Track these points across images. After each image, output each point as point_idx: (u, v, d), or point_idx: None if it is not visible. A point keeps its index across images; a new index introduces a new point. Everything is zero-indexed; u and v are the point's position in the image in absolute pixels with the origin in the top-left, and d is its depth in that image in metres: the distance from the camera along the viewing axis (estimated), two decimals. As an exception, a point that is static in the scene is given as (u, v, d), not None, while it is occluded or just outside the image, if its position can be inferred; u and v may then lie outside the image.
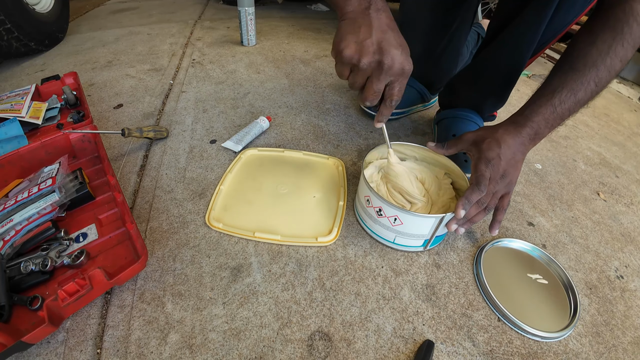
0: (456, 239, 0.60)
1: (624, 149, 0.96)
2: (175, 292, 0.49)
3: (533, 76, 1.36)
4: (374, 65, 0.44)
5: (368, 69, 0.44)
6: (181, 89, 1.03)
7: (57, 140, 0.67)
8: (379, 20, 0.44)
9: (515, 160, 0.52)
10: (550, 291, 0.53)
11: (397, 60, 0.44)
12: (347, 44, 0.43)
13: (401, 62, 0.44)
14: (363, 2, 0.44)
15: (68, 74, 0.92)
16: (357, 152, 0.80)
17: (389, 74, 0.45)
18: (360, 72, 0.45)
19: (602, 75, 0.48)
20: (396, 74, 0.45)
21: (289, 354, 0.43)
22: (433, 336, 0.46)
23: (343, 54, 0.44)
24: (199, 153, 0.76)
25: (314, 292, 0.50)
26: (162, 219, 0.60)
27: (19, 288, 0.46)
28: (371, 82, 0.46)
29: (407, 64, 0.45)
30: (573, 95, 0.50)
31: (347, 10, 0.45)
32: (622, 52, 0.47)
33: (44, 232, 0.51)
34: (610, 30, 0.47)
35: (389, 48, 0.43)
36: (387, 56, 0.43)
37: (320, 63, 1.27)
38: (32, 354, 0.42)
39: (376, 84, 0.46)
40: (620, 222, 0.69)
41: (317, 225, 0.60)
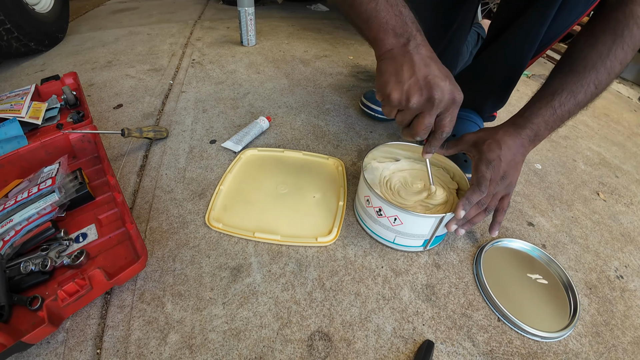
0: (456, 239, 0.60)
1: (624, 149, 0.96)
2: (175, 292, 0.49)
3: (533, 76, 1.36)
4: (424, 102, 0.42)
5: (419, 107, 0.43)
6: (181, 89, 1.03)
7: (56, 141, 0.67)
8: (419, 55, 0.42)
9: (516, 161, 0.52)
10: (550, 291, 0.53)
11: (447, 92, 0.42)
12: (393, 88, 0.42)
13: (451, 92, 0.42)
14: (401, 39, 0.42)
15: (68, 74, 0.92)
16: (357, 152, 0.80)
17: (440, 107, 0.43)
18: (410, 111, 0.44)
19: (602, 78, 0.48)
20: (447, 106, 0.43)
21: (288, 354, 0.43)
22: (433, 336, 0.46)
23: (391, 98, 0.43)
24: (199, 153, 0.76)
25: (313, 292, 0.50)
26: (162, 219, 0.60)
27: (19, 288, 0.46)
28: (423, 118, 0.44)
29: (458, 93, 0.43)
30: (573, 97, 0.50)
31: (385, 49, 0.43)
32: (622, 54, 0.47)
33: (43, 232, 0.51)
34: (610, 33, 0.47)
35: (437, 81, 0.41)
36: (436, 90, 0.41)
37: (320, 63, 1.27)
38: (32, 354, 0.42)
39: (428, 119, 0.44)
40: (620, 222, 0.69)
41: (317, 226, 0.60)
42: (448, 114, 0.44)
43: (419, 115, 0.44)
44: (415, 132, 0.46)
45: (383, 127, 0.90)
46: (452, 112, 0.45)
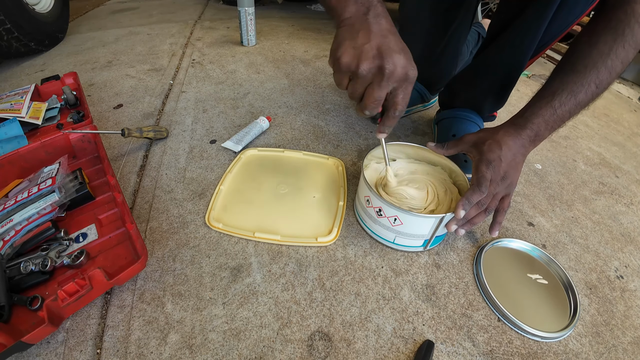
0: (456, 239, 0.60)
1: (624, 149, 0.96)
2: (175, 292, 0.49)
3: (533, 76, 1.36)
4: (374, 70, 0.41)
5: (368, 76, 0.41)
6: (181, 89, 1.03)
7: (57, 140, 0.67)
8: (378, 25, 0.41)
9: (516, 161, 0.52)
10: (550, 291, 0.53)
11: (399, 65, 0.40)
12: (345, 50, 0.41)
13: (404, 67, 0.41)
14: (361, 8, 0.41)
15: (68, 74, 0.92)
16: (357, 152, 0.80)
17: (391, 80, 0.41)
18: (359, 79, 0.42)
19: (603, 77, 0.48)
20: (399, 80, 0.42)
21: (288, 354, 0.43)
22: (433, 336, 0.46)
23: (340, 61, 0.41)
24: (199, 153, 0.76)
25: (313, 292, 0.50)
26: (162, 219, 0.60)
27: (19, 288, 0.46)
28: (372, 89, 0.42)
29: (411, 69, 0.42)
30: (573, 97, 0.50)
31: (344, 17, 0.42)
32: (623, 53, 0.47)
33: (43, 232, 0.51)
34: (611, 32, 0.47)
35: (390, 52, 0.40)
36: (388, 61, 0.40)
37: (320, 63, 1.26)
38: (32, 354, 0.42)
39: (377, 91, 0.42)
40: (620, 222, 0.69)
41: (317, 226, 0.60)
42: (400, 91, 0.43)
43: (369, 87, 0.43)
44: (365, 105, 0.44)
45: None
46: (404, 89, 0.43)
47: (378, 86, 0.42)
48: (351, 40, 0.41)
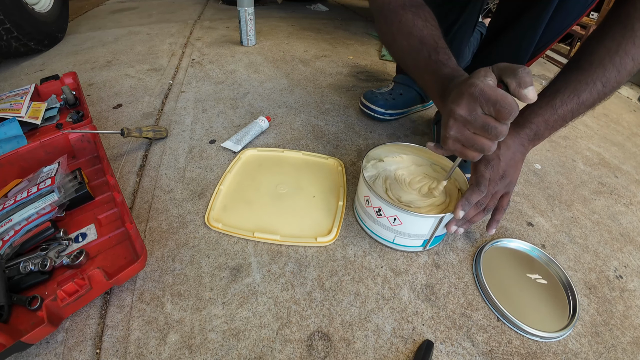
0: (455, 239, 0.60)
1: (623, 149, 0.96)
2: (175, 292, 0.49)
3: (532, 76, 1.36)
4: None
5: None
6: (180, 88, 1.03)
7: (56, 140, 0.67)
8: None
9: (515, 160, 0.52)
10: (550, 291, 0.53)
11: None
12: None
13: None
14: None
15: (67, 74, 0.91)
16: (357, 152, 0.80)
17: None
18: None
19: (611, 75, 0.45)
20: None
21: (288, 354, 0.43)
22: (432, 336, 0.46)
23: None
24: (199, 153, 0.76)
25: (313, 292, 0.50)
26: (161, 219, 0.60)
27: (18, 288, 0.46)
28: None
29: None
30: (576, 96, 0.48)
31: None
32: (633, 50, 0.44)
33: (43, 232, 0.51)
34: (620, 27, 0.44)
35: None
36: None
37: (319, 63, 1.27)
38: (32, 354, 0.42)
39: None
40: (619, 222, 0.69)
41: (316, 225, 0.60)
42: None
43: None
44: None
45: (383, 127, 0.90)
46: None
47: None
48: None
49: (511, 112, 0.37)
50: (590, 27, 1.44)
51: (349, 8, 2.16)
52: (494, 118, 0.38)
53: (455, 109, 0.40)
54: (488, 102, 0.37)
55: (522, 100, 0.37)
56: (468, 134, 0.41)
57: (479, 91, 0.38)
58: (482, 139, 0.40)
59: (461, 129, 0.41)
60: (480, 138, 0.41)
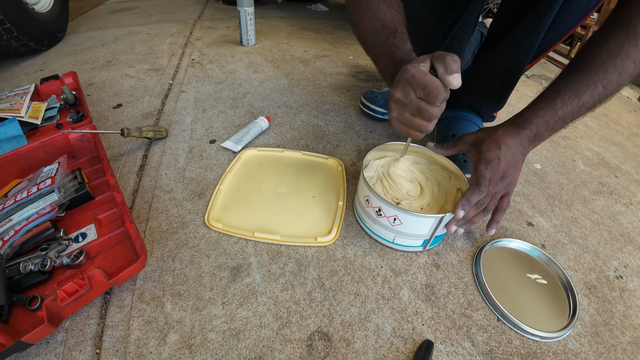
0: (455, 239, 0.60)
1: (623, 149, 0.96)
2: (175, 292, 0.49)
3: (532, 76, 1.36)
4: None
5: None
6: (180, 88, 1.03)
7: (56, 140, 0.67)
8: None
9: (515, 161, 0.52)
10: (550, 291, 0.53)
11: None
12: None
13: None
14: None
15: (67, 74, 0.91)
16: (357, 152, 0.80)
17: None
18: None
19: (612, 78, 0.45)
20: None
21: (288, 354, 0.43)
22: (432, 336, 0.46)
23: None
24: (199, 153, 0.76)
25: (313, 292, 0.50)
26: (161, 219, 0.60)
27: (18, 288, 0.46)
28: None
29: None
30: (577, 98, 0.48)
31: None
32: (635, 52, 0.44)
33: (43, 232, 0.51)
34: (622, 30, 0.44)
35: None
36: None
37: (319, 63, 1.27)
38: (32, 354, 0.42)
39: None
40: (619, 222, 0.69)
41: (316, 225, 0.60)
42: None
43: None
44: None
45: (382, 127, 0.90)
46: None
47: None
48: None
49: (437, 95, 0.40)
50: (591, 27, 1.44)
51: (349, 8, 2.16)
52: (425, 101, 0.42)
53: (393, 92, 0.44)
54: (418, 86, 0.41)
55: (447, 85, 0.40)
56: (407, 116, 0.45)
57: (411, 76, 0.41)
58: (418, 120, 0.44)
59: (400, 111, 0.45)
60: (416, 119, 0.44)
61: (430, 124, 0.44)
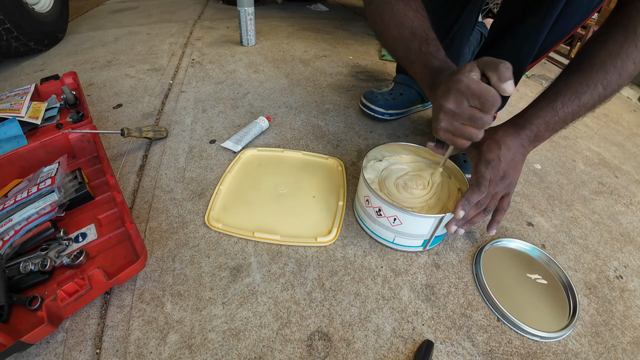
0: (455, 239, 0.60)
1: (623, 149, 0.96)
2: (175, 292, 0.49)
3: (532, 77, 1.36)
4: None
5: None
6: (180, 88, 1.03)
7: (56, 140, 0.67)
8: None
9: (515, 161, 0.52)
10: (550, 291, 0.53)
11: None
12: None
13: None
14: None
15: (67, 74, 0.91)
16: (357, 152, 0.80)
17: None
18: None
19: (612, 78, 0.46)
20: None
21: (288, 354, 0.43)
22: (432, 336, 0.46)
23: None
24: (199, 153, 0.76)
25: (313, 292, 0.50)
26: (161, 219, 0.60)
27: (18, 288, 0.46)
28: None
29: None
30: (577, 98, 0.48)
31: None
32: (635, 53, 0.44)
33: (43, 232, 0.51)
34: (622, 30, 0.44)
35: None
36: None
37: (319, 63, 1.27)
38: (32, 354, 0.42)
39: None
40: (619, 222, 0.69)
41: (316, 225, 0.60)
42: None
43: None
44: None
45: (383, 127, 0.90)
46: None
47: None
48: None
49: (494, 103, 0.40)
50: (591, 27, 1.44)
51: (349, 8, 2.16)
52: (479, 109, 0.42)
53: (444, 103, 0.44)
54: (473, 96, 0.41)
55: (501, 92, 0.40)
56: (457, 125, 0.45)
57: (465, 86, 0.41)
58: (469, 129, 0.44)
59: (450, 121, 0.45)
60: (468, 128, 0.44)
61: (481, 132, 0.44)
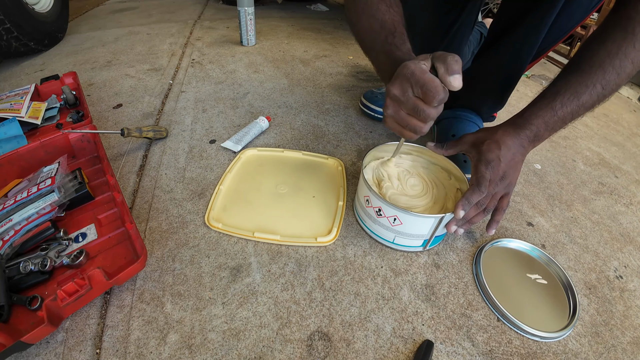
0: (455, 239, 0.60)
1: (623, 149, 0.96)
2: (175, 292, 0.49)
3: (532, 76, 1.36)
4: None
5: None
6: (180, 88, 1.03)
7: (56, 140, 0.67)
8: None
9: (515, 161, 0.52)
10: (550, 291, 0.53)
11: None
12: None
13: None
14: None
15: (67, 74, 0.91)
16: (357, 152, 0.80)
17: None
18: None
19: (610, 78, 0.46)
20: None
21: (288, 354, 0.43)
22: (432, 336, 0.46)
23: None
24: (199, 153, 0.76)
25: (313, 292, 0.50)
26: (161, 219, 0.60)
27: (18, 288, 0.46)
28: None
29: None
30: (576, 98, 0.48)
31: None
32: (633, 53, 0.44)
33: (43, 232, 0.51)
34: (621, 30, 0.44)
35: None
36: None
37: (319, 63, 1.26)
38: (32, 354, 0.42)
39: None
40: (619, 222, 0.69)
41: (316, 225, 0.60)
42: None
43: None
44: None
45: (382, 127, 0.90)
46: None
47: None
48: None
49: (435, 95, 0.39)
50: (591, 27, 1.44)
51: (349, 8, 2.16)
52: (422, 101, 0.41)
53: (390, 88, 0.43)
54: (417, 84, 0.40)
55: (447, 86, 0.39)
56: (402, 115, 0.44)
57: (410, 72, 0.40)
58: (414, 120, 0.43)
59: (396, 109, 0.44)
60: (412, 119, 0.43)
61: (426, 126, 0.43)
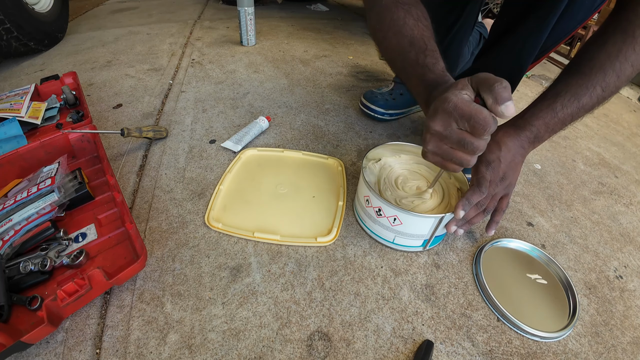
0: (455, 239, 0.60)
1: (623, 149, 0.96)
2: (175, 292, 0.49)
3: (533, 77, 1.36)
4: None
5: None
6: (180, 88, 1.03)
7: (56, 140, 0.67)
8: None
9: (515, 162, 0.52)
10: (550, 291, 0.53)
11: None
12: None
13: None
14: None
15: (67, 74, 0.91)
16: (357, 152, 0.80)
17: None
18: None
19: (610, 80, 0.46)
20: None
21: (288, 354, 0.43)
22: (432, 336, 0.46)
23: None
24: (199, 153, 0.76)
25: (313, 292, 0.50)
26: (161, 219, 0.60)
27: (18, 288, 0.46)
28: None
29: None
30: (576, 100, 0.48)
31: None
32: (633, 56, 0.44)
33: (43, 232, 0.51)
34: (621, 33, 0.45)
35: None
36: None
37: (319, 63, 1.26)
38: (32, 354, 0.42)
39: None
40: (619, 222, 0.69)
41: (316, 225, 0.60)
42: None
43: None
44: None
45: (382, 127, 0.90)
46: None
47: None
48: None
49: (485, 127, 0.36)
50: (591, 27, 1.44)
51: (349, 8, 2.16)
52: (469, 133, 0.38)
53: (431, 124, 0.40)
54: (462, 117, 0.37)
55: (500, 116, 0.36)
56: (446, 149, 0.41)
57: (453, 106, 0.37)
58: (460, 153, 0.40)
59: (438, 144, 0.41)
60: (458, 152, 0.41)
61: (473, 158, 0.40)
